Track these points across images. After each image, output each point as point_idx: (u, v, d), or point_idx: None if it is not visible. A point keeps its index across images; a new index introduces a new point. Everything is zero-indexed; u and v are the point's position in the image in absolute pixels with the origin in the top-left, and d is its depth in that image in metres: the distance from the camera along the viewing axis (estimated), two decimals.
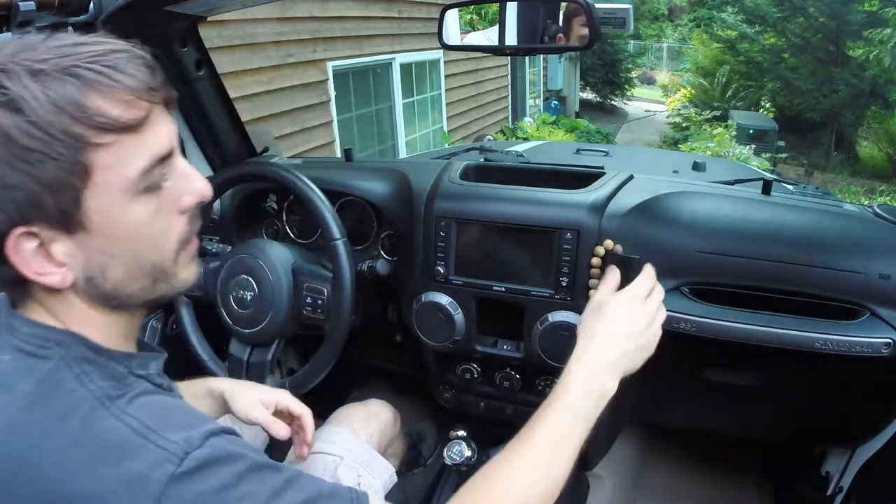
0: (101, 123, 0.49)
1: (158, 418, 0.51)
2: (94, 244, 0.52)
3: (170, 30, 1.09)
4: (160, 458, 0.48)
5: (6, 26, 0.84)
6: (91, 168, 0.49)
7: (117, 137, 0.50)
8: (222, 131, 1.30)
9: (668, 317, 0.99)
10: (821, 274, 0.96)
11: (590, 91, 13.90)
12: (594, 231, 1.01)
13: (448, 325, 1.11)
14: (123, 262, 0.54)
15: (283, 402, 0.91)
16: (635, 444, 1.57)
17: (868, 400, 1.16)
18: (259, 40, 3.85)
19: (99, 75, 0.49)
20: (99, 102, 0.48)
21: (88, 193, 0.50)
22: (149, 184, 0.53)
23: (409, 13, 5.75)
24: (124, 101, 0.50)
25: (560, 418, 0.68)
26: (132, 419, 0.50)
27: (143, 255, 0.55)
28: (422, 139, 6.47)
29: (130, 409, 0.50)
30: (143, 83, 0.51)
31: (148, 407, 0.52)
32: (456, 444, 1.09)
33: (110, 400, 0.50)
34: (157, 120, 0.53)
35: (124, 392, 0.52)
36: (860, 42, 9.78)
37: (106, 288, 0.54)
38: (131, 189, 0.52)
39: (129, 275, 0.55)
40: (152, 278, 0.57)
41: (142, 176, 0.52)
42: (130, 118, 0.50)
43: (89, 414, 0.49)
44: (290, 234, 1.32)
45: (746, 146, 7.91)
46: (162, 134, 0.53)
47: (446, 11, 1.07)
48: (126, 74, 0.50)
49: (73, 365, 0.52)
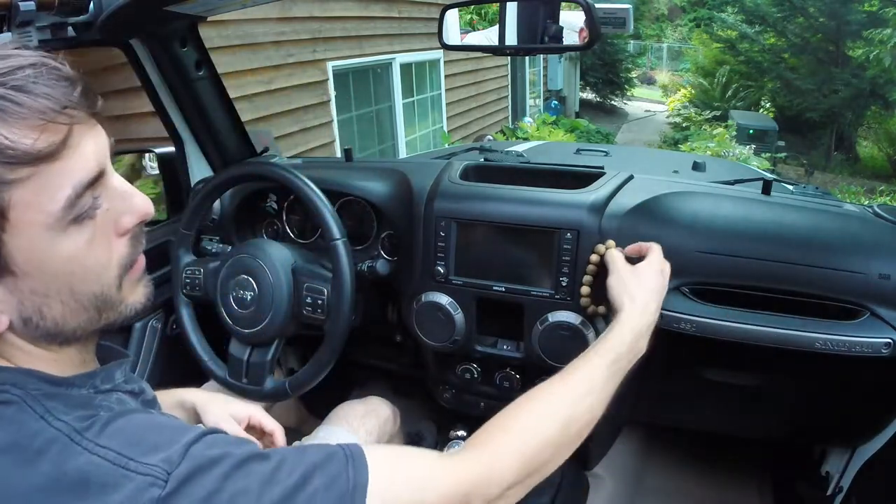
0: (12, 157, 0.43)
1: (133, 443, 0.47)
2: (24, 286, 0.48)
3: (170, 30, 1.09)
4: (144, 485, 0.45)
5: (6, 26, 0.84)
6: (7, 209, 0.44)
7: (34, 170, 0.44)
8: (222, 131, 1.30)
9: (668, 317, 1.00)
10: (821, 274, 0.96)
11: (590, 91, 13.91)
12: (594, 231, 1.01)
13: (448, 325, 1.11)
14: (59, 300, 0.49)
15: (255, 418, 0.91)
16: (635, 444, 1.57)
17: (868, 400, 1.16)
18: (259, 40, 3.85)
19: (3, 101, 0.43)
20: (6, 133, 0.43)
21: (8, 236, 0.45)
22: (77, 214, 0.47)
23: (409, 13, 5.75)
24: (36, 127, 0.43)
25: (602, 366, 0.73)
26: (107, 451, 0.46)
27: (81, 290, 0.50)
28: (422, 139, 6.47)
29: (102, 439, 0.47)
30: (57, 103, 0.44)
31: (121, 433, 0.48)
32: (456, 444, 1.09)
33: (79, 434, 0.47)
34: (81, 140, 0.47)
35: (93, 421, 0.48)
36: (860, 42, 9.79)
37: (47, 327, 0.50)
38: (58, 223, 0.46)
39: (69, 311, 0.50)
40: (96, 309, 0.52)
41: (67, 208, 0.46)
42: (45, 146, 0.44)
43: (61, 452, 0.46)
44: (290, 234, 1.32)
45: (746, 146, 7.92)
46: (87, 155, 0.47)
47: (446, 11, 1.07)
48: (35, 95, 0.44)
49: (34, 404, 0.48)
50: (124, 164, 1.62)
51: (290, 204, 1.31)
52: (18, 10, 0.81)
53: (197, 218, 1.16)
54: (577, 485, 1.39)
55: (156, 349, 1.27)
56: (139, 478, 0.45)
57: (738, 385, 1.22)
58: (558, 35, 1.00)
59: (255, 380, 1.09)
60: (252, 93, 3.82)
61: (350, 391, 1.73)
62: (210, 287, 1.13)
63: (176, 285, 1.16)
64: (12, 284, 0.47)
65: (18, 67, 0.44)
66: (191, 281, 1.14)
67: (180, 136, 1.30)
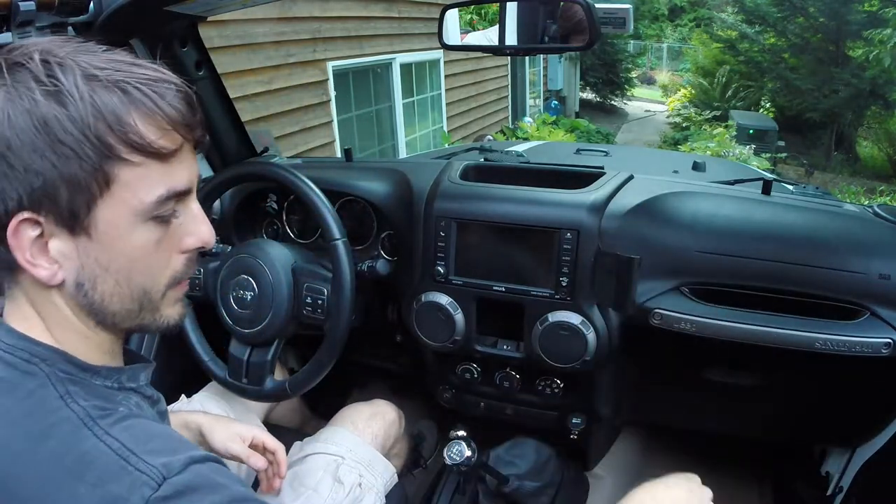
0: (134, 142, 0.50)
1: (140, 441, 0.50)
2: (92, 252, 0.52)
3: (170, 30, 1.09)
4: (138, 482, 0.47)
5: (6, 26, 0.84)
6: (112, 179, 0.50)
7: (145, 160, 0.51)
8: (222, 131, 1.30)
9: (668, 317, 1.00)
10: (821, 274, 0.96)
11: (590, 91, 13.90)
12: (594, 231, 1.01)
13: (448, 325, 1.11)
14: (115, 279, 0.54)
15: (258, 438, 0.95)
16: (635, 444, 1.57)
17: (868, 400, 1.16)
18: (259, 40, 3.85)
19: (145, 97, 0.50)
20: (138, 122, 0.50)
21: (102, 203, 0.51)
22: (160, 213, 0.54)
23: (409, 13, 5.75)
24: (162, 128, 0.51)
25: None
26: (113, 440, 0.49)
27: (136, 279, 0.55)
28: (422, 139, 6.47)
29: (113, 430, 0.50)
30: (182, 117, 0.52)
31: (131, 430, 0.51)
32: (456, 444, 1.09)
33: (93, 420, 0.50)
34: (186, 157, 0.55)
35: (109, 413, 0.52)
36: (860, 42, 9.78)
37: (93, 299, 0.54)
38: (143, 213, 0.52)
39: (119, 293, 0.55)
40: (139, 304, 0.57)
41: (157, 203, 0.53)
42: (162, 146, 0.51)
43: (72, 433, 0.49)
44: (290, 234, 1.32)
45: (746, 146, 7.91)
46: (185, 171, 0.55)
47: (446, 11, 1.07)
48: (170, 105, 0.51)
49: (57, 384, 0.52)
50: None
51: (290, 204, 1.31)
52: (18, 10, 0.81)
53: None
54: (577, 485, 1.39)
55: (156, 349, 1.27)
56: (136, 473, 0.47)
57: (738, 385, 1.22)
58: (558, 35, 1.00)
59: (255, 380, 1.09)
60: (252, 93, 3.81)
61: (350, 391, 1.73)
62: (210, 287, 1.13)
63: None
64: (84, 246, 0.52)
65: (163, 80, 0.52)
66: (191, 281, 1.14)
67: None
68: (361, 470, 1.03)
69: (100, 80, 0.49)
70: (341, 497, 0.98)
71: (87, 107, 0.48)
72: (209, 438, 0.91)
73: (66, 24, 0.92)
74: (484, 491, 1.20)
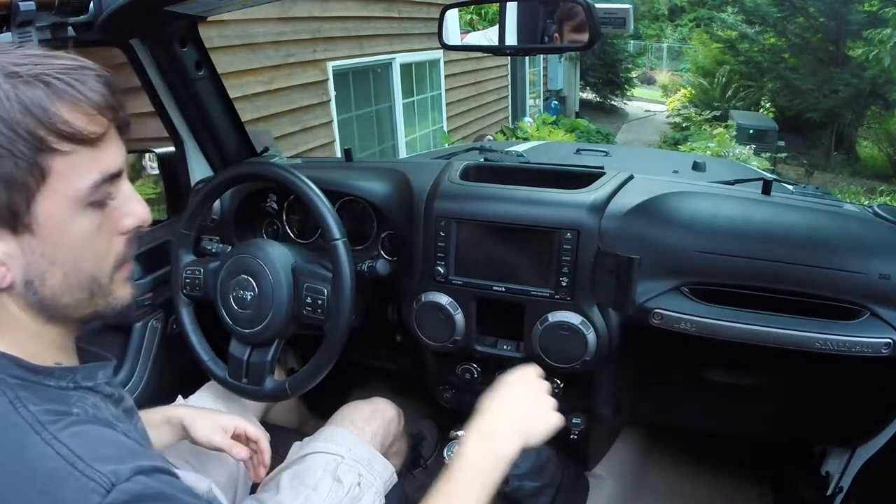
0: (63, 131, 0.50)
1: (89, 448, 0.49)
2: (37, 248, 0.52)
3: (170, 30, 1.09)
4: (86, 489, 0.47)
5: (6, 26, 0.84)
6: (47, 172, 0.51)
7: (75, 147, 0.52)
8: (222, 131, 1.30)
9: (669, 317, 1.00)
10: (821, 274, 0.96)
11: (590, 91, 13.90)
12: (594, 231, 1.01)
13: (448, 325, 1.11)
14: (63, 271, 0.54)
15: (240, 427, 0.96)
16: (635, 444, 1.57)
17: (868, 400, 1.16)
18: (259, 40, 3.84)
19: (68, 86, 0.51)
20: (64, 111, 0.50)
21: (41, 197, 0.51)
22: (97, 198, 0.54)
23: (409, 13, 5.75)
24: (87, 114, 0.52)
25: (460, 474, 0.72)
26: (62, 446, 0.49)
27: (83, 267, 0.56)
28: (422, 139, 6.47)
29: (62, 435, 0.49)
30: (106, 101, 0.53)
31: (81, 436, 0.50)
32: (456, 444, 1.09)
33: (42, 426, 0.49)
34: (112, 140, 0.55)
35: (60, 418, 0.51)
36: (860, 42, 9.78)
37: (44, 294, 0.54)
38: (81, 200, 0.53)
39: (68, 284, 0.55)
40: (89, 292, 0.57)
41: (92, 189, 0.53)
42: (91, 131, 0.52)
43: (20, 439, 0.49)
44: (290, 234, 1.32)
45: (746, 146, 7.92)
46: (115, 153, 0.56)
47: (446, 11, 1.07)
48: (92, 90, 0.52)
49: (7, 390, 0.51)
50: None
51: (290, 204, 1.31)
52: (18, 10, 0.81)
53: (197, 218, 1.16)
54: (577, 485, 1.39)
55: (156, 349, 1.27)
56: (84, 480, 0.47)
57: (738, 385, 1.22)
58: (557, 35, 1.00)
59: (254, 380, 1.09)
60: (252, 93, 3.81)
61: (350, 391, 1.73)
62: (210, 287, 1.13)
63: (176, 285, 1.16)
64: (28, 244, 0.52)
65: (81, 67, 0.53)
66: (191, 281, 1.14)
67: (180, 136, 1.30)
68: (360, 469, 1.03)
69: (20, 76, 0.49)
70: (340, 496, 0.98)
71: (13, 104, 0.49)
72: (192, 432, 0.92)
73: (65, 24, 0.92)
74: None
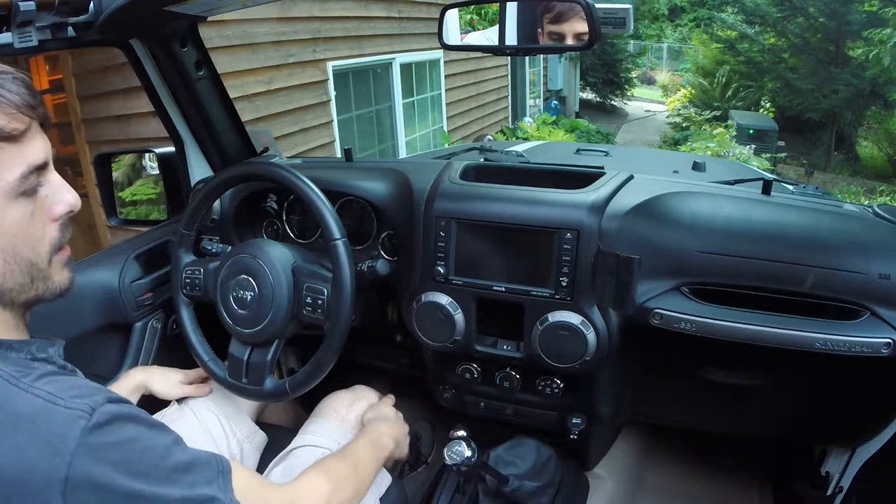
0: None
1: (64, 389, 0.55)
2: None
3: (170, 30, 1.09)
4: (72, 416, 0.53)
5: (6, 26, 0.84)
6: None
7: (1, 144, 0.57)
8: (222, 131, 1.30)
9: (668, 317, 1.00)
10: (821, 274, 0.96)
11: (590, 91, 13.90)
12: (594, 231, 1.01)
13: (448, 325, 1.11)
14: (2, 258, 0.60)
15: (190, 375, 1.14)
16: (635, 444, 1.57)
17: (868, 400, 1.16)
18: (259, 40, 3.85)
19: None
20: None
21: None
22: (26, 188, 0.60)
23: (409, 13, 5.75)
24: (8, 114, 0.58)
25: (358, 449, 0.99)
26: (40, 391, 0.54)
27: (21, 253, 0.61)
28: (422, 139, 6.47)
29: (37, 384, 0.55)
30: (25, 101, 0.59)
31: (53, 383, 0.56)
32: (456, 444, 1.09)
33: (17, 379, 0.55)
34: (35, 135, 0.61)
35: (30, 372, 0.57)
36: (860, 42, 9.78)
37: None
38: (11, 191, 0.59)
39: (9, 270, 0.61)
40: (29, 276, 0.63)
41: (21, 180, 0.59)
42: (13, 129, 0.58)
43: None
44: (290, 234, 1.32)
45: (746, 146, 7.92)
46: (38, 146, 0.61)
47: (446, 11, 1.07)
48: (10, 91, 0.58)
49: None
50: (124, 164, 1.61)
51: (290, 204, 1.31)
52: (18, 10, 0.81)
53: (197, 218, 1.16)
54: (577, 485, 1.39)
55: (156, 349, 1.27)
56: (67, 412, 0.53)
57: (739, 385, 1.22)
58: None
59: (255, 380, 1.09)
60: (252, 93, 3.81)
61: None
62: (210, 287, 1.13)
63: (176, 285, 1.16)
64: None
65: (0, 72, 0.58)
66: (191, 281, 1.14)
67: (180, 136, 1.30)
68: None
69: None
70: None
71: None
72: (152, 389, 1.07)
73: (65, 23, 0.92)
74: (484, 491, 1.20)
